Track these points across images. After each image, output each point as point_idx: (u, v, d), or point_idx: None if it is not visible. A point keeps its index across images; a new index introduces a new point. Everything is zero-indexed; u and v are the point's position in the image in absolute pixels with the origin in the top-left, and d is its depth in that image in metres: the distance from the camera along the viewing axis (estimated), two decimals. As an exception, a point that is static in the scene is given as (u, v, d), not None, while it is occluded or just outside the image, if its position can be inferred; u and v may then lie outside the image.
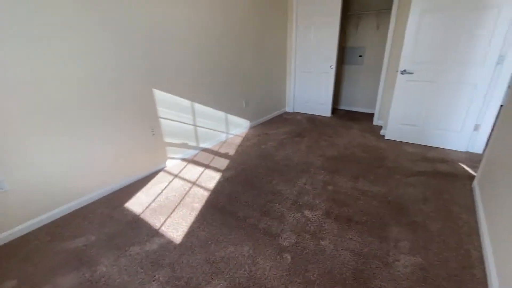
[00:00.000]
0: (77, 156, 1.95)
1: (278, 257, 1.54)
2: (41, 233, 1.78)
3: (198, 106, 2.92)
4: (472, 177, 2.38)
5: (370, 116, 4.48)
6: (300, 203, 2.05)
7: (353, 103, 4.99)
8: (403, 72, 2.97)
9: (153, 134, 2.47)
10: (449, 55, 2.71)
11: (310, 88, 4.57)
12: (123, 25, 2.03)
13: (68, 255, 1.59)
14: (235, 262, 1.51)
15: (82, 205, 2.05)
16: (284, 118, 4.52)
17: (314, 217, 1.88)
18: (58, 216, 1.92)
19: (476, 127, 2.81)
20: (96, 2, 1.84)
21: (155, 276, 1.42)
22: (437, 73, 2.82)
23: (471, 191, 2.18)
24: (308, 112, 4.80)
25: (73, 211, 1.99)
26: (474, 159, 2.74)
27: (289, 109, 4.96)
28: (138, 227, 1.81)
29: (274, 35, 4.07)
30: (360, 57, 4.57)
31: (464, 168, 2.56)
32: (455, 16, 2.58)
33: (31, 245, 1.67)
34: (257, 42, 3.67)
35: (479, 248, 1.58)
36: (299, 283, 1.37)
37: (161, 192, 2.24)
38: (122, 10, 2.00)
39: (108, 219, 1.90)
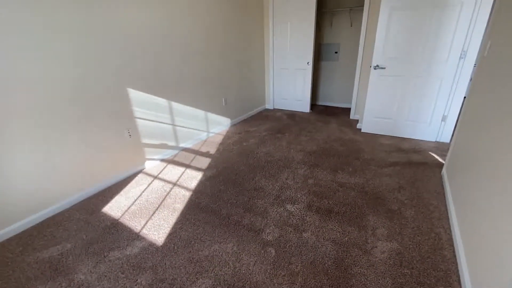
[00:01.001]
0: (49, 160, 1.84)
1: (262, 251, 1.56)
2: (11, 244, 1.67)
3: (176, 105, 2.86)
4: (441, 165, 2.54)
5: (347, 110, 4.62)
6: (283, 198, 2.08)
7: (331, 99, 5.12)
8: (376, 67, 3.09)
9: (130, 136, 2.39)
10: (417, 51, 2.86)
11: (288, 85, 4.63)
12: (94, 21, 1.94)
13: (42, 265, 1.50)
14: (219, 260, 1.51)
15: (56, 212, 1.95)
16: (265, 115, 4.55)
17: (296, 211, 1.92)
18: (29, 225, 1.81)
19: (444, 118, 2.99)
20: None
21: (137, 280, 1.39)
22: (407, 68, 2.97)
23: (440, 178, 2.33)
24: (288, 109, 4.86)
25: (46, 219, 1.89)
26: (442, 148, 2.92)
27: (269, 106, 4.99)
28: (118, 232, 1.75)
29: (252, 32, 4.07)
30: (335, 54, 4.69)
31: (434, 157, 2.72)
32: (421, 14, 2.72)
33: (0, 258, 1.56)
34: (234, 39, 3.65)
35: (448, 230, 1.69)
36: (283, 275, 1.39)
37: (141, 194, 2.18)
38: (95, 7, 1.91)
39: (85, 225, 1.82)
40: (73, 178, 2.02)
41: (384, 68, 3.07)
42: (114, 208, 2.00)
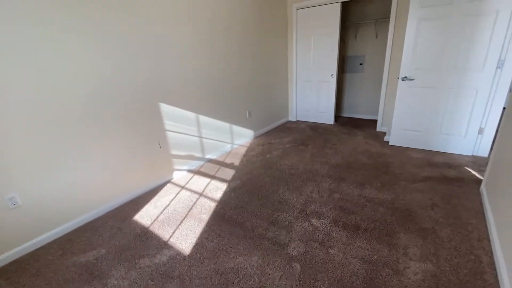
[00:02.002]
0: (87, 170, 2.00)
1: (288, 266, 1.54)
2: (52, 247, 1.80)
3: (203, 118, 2.98)
4: (479, 181, 2.37)
5: (373, 122, 4.50)
6: (307, 212, 2.05)
7: (356, 110, 5.03)
8: (404, 78, 3.01)
9: (160, 147, 2.51)
10: (449, 61, 2.75)
11: (312, 97, 4.62)
12: (131, 42, 2.11)
13: (79, 269, 1.60)
14: (244, 272, 1.51)
15: (92, 219, 2.08)
16: (287, 127, 4.55)
17: (321, 226, 1.88)
18: (69, 230, 1.95)
19: (481, 131, 2.81)
20: (105, 20, 1.92)
21: (165, 288, 1.43)
22: (438, 79, 2.85)
23: (479, 195, 2.17)
24: (311, 121, 4.83)
25: (84, 225, 2.02)
26: (480, 163, 2.73)
27: (291, 118, 5.00)
28: (147, 239, 1.83)
29: (275, 46, 4.17)
30: (360, 65, 4.63)
31: (470, 172, 2.55)
32: (453, 23, 2.63)
33: (42, 260, 1.69)
34: (258, 54, 3.76)
35: (489, 253, 1.56)
36: (310, 292, 1.36)
37: (169, 204, 2.26)
38: (130, 28, 2.09)
39: (118, 232, 1.92)
40: (108, 187, 2.16)
41: (413, 79, 2.97)
42: (144, 217, 2.09)
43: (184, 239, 1.81)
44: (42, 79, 1.67)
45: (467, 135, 2.89)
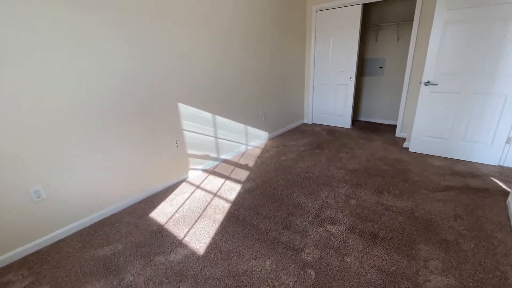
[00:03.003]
0: (107, 166, 2.05)
1: (302, 272, 1.51)
2: (73, 240, 1.86)
3: (219, 119, 3.00)
4: (506, 193, 2.24)
5: (392, 127, 4.37)
6: (323, 217, 2.01)
7: (374, 115, 4.91)
8: (427, 83, 2.90)
9: (177, 146, 2.55)
10: (476, 66, 2.63)
11: (329, 100, 4.55)
12: (155, 46, 2.16)
13: (97, 262, 1.65)
14: (258, 276, 1.50)
15: (110, 214, 2.14)
16: (303, 130, 4.51)
17: (337, 232, 1.84)
18: (88, 224, 2.02)
19: (508, 140, 2.66)
20: (128, 21, 1.97)
21: (179, 287, 1.44)
22: (463, 84, 2.73)
23: (505, 208, 2.05)
24: (327, 124, 4.76)
25: (102, 220, 2.08)
26: (507, 173, 2.59)
27: (307, 120, 4.95)
28: (163, 237, 1.85)
29: (293, 48, 4.14)
30: (380, 68, 4.52)
31: (496, 183, 2.42)
32: (481, 26, 2.51)
33: (63, 252, 1.75)
34: (276, 55, 3.75)
35: (518, 270, 1.47)
36: (324, 300, 1.33)
37: (184, 202, 2.29)
38: (152, 32, 2.13)
39: (134, 229, 1.96)
40: (126, 183, 2.21)
41: (437, 84, 2.86)
42: (160, 214, 2.12)
43: (198, 239, 1.82)
44: (67, 76, 1.73)
45: (494, 143, 2.75)
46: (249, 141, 3.61)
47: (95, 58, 1.83)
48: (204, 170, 2.92)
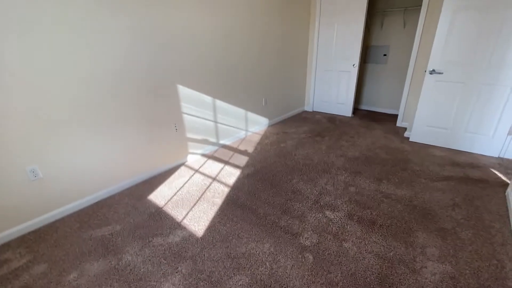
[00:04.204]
0: (105, 148, 2.02)
1: (300, 256, 1.52)
2: (70, 220, 1.86)
3: (219, 103, 2.94)
4: (505, 184, 2.25)
5: (393, 117, 4.33)
6: (321, 204, 2.01)
7: (375, 103, 4.85)
8: (432, 72, 2.84)
9: (176, 130, 2.51)
10: (484, 56, 2.57)
11: (330, 87, 4.48)
12: (149, 24, 2.07)
13: (95, 242, 1.65)
14: (256, 259, 1.50)
15: (109, 195, 2.13)
16: (303, 117, 4.46)
17: (336, 218, 1.84)
18: (86, 205, 2.00)
19: (511, 131, 2.64)
20: (122, 2, 1.89)
21: (178, 268, 1.45)
22: (469, 74, 2.68)
23: (504, 198, 2.06)
24: (328, 112, 4.71)
25: (100, 201, 2.07)
26: (507, 166, 2.58)
27: (308, 108, 4.89)
28: (161, 219, 1.85)
29: (296, 33, 4.02)
30: (384, 56, 4.42)
31: (496, 175, 2.42)
32: (492, 15, 2.43)
33: (60, 231, 1.75)
34: (278, 40, 3.64)
35: (514, 259, 1.49)
36: (322, 284, 1.34)
37: (183, 186, 2.27)
38: (148, 10, 2.04)
39: (133, 210, 1.95)
40: (125, 166, 2.18)
41: (442, 73, 2.80)
42: (158, 197, 2.11)
43: (197, 221, 1.82)
44: (68, 55, 1.67)
45: (495, 135, 2.73)
46: (249, 127, 3.57)
47: (95, 39, 1.76)
48: (203, 155, 2.90)
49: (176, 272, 1.42)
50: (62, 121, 1.74)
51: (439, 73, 2.82)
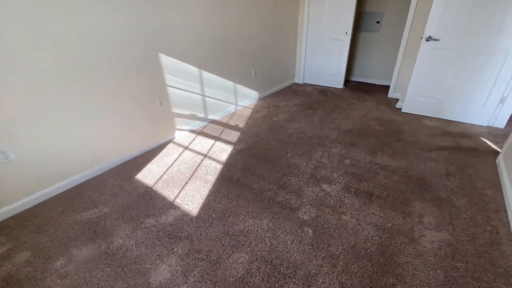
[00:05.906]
0: (84, 126, 1.84)
1: (299, 231, 1.49)
2: (52, 204, 1.72)
3: (206, 74, 2.74)
4: (495, 152, 2.28)
5: (385, 88, 4.28)
6: (318, 177, 1.97)
7: (367, 75, 4.75)
8: (429, 38, 2.74)
9: (161, 104, 2.33)
10: (482, 22, 2.47)
11: (322, 58, 4.31)
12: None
13: (81, 226, 1.54)
14: (255, 235, 1.46)
15: (92, 176, 1.99)
16: (294, 90, 4.32)
17: (333, 191, 1.81)
18: (68, 187, 1.86)
19: (502, 100, 2.65)
20: None
21: (173, 249, 1.38)
22: (465, 39, 2.60)
23: (494, 166, 2.09)
24: (319, 84, 4.58)
25: (83, 182, 1.93)
26: (496, 134, 2.62)
27: (298, 80, 4.73)
28: (152, 199, 1.75)
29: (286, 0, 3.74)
30: (377, 24, 4.24)
31: (486, 143, 2.45)
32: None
33: (41, 216, 1.62)
34: (267, 6, 3.37)
35: (507, 224, 1.52)
36: (323, 257, 1.32)
37: (172, 164, 2.15)
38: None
39: (120, 191, 1.83)
40: (107, 144, 2.02)
41: (438, 40, 2.71)
42: (147, 176, 1.99)
43: (191, 200, 1.73)
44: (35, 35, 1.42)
45: (487, 104, 2.73)
46: (239, 100, 3.41)
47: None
48: (191, 131, 2.75)
49: (172, 253, 1.35)
50: (36, 96, 1.53)
51: (436, 39, 2.72)
